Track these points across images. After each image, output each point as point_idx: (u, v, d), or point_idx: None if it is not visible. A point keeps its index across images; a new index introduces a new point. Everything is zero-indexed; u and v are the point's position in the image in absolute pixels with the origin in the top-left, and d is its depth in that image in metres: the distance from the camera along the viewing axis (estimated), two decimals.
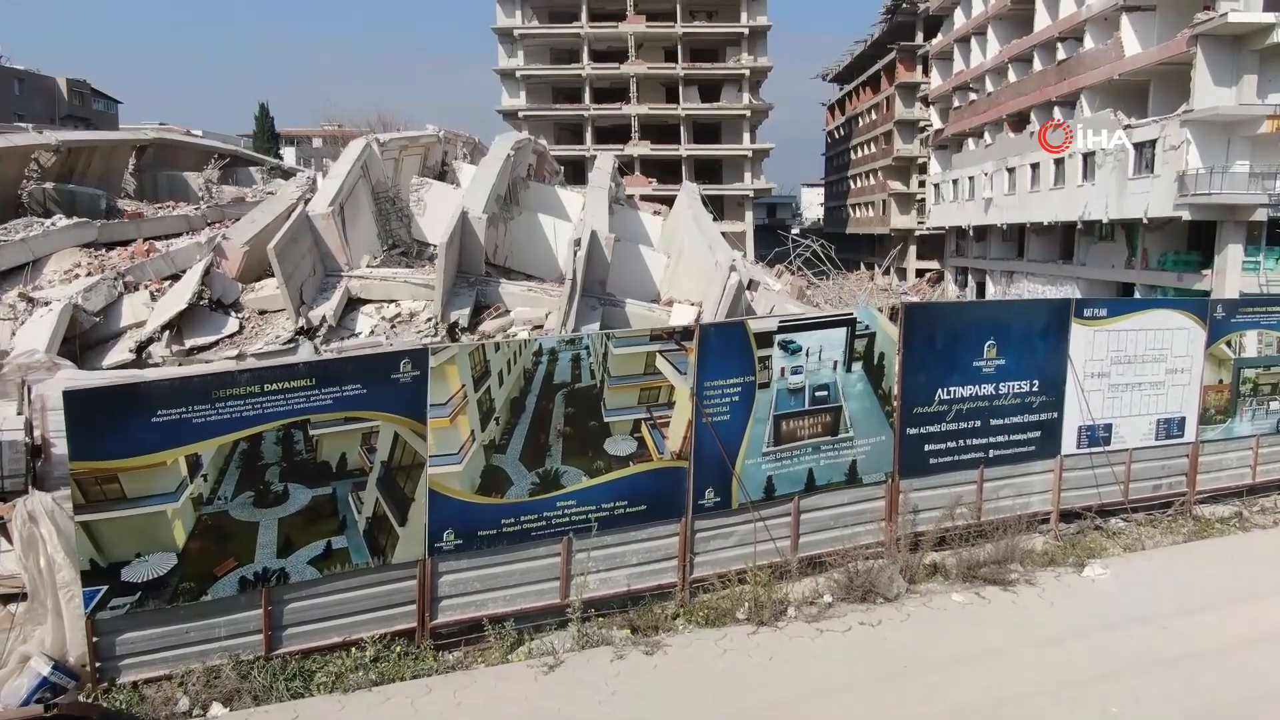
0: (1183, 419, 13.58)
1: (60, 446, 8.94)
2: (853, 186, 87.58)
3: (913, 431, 11.56)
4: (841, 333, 10.82)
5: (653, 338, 9.92)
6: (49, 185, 32.47)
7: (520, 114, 69.34)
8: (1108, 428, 12.98)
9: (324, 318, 22.20)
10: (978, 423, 11.99)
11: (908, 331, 11.25)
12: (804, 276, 58.35)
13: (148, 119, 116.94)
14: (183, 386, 7.86)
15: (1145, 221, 40.24)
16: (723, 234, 68.23)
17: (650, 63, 68.50)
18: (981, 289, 60.72)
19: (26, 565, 8.74)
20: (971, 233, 60.78)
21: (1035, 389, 12.30)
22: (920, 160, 72.57)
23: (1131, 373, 12.98)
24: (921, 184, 72.05)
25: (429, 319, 22.56)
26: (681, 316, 24.35)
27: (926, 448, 11.72)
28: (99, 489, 7.66)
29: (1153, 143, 39.83)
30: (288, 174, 47.43)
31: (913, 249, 73.60)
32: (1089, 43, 45.64)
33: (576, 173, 70.60)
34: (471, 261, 25.08)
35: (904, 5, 72.04)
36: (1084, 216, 45.11)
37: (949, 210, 63.79)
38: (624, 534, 10.08)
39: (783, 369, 10.51)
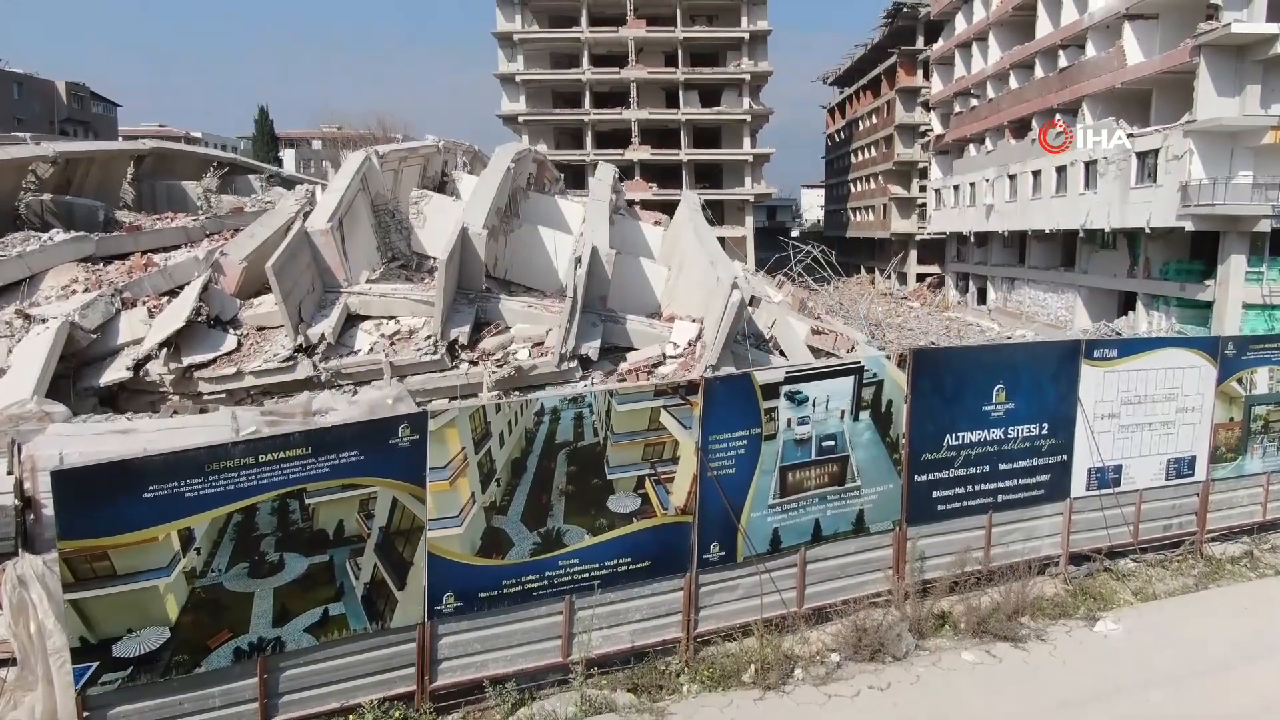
0: (1193, 458, 13.38)
1: (51, 507, 8.74)
2: (853, 190, 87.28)
3: (920, 479, 11.37)
4: (849, 381, 10.62)
5: (657, 393, 9.72)
6: (46, 197, 32.21)
7: (520, 119, 69.06)
8: (1118, 469, 12.78)
9: (323, 335, 21.98)
10: (986, 468, 11.80)
11: (915, 377, 11.05)
12: (804, 283, 58.25)
13: (147, 121, 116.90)
14: (174, 461, 7.64)
15: (1148, 231, 40.06)
16: (723, 239, 68.41)
17: (650, 68, 68.17)
18: (983, 295, 60.51)
19: (16, 632, 8.54)
20: (973, 239, 60.55)
21: (1045, 432, 12.10)
22: (921, 165, 72.28)
23: (1142, 413, 12.78)
24: (922, 189, 71.78)
25: (428, 336, 22.33)
26: (683, 333, 24.16)
27: (935, 494, 11.52)
28: (88, 567, 7.46)
29: (1155, 152, 39.64)
30: (287, 181, 47.20)
31: (913, 254, 73.33)
32: (1091, 50, 45.41)
33: (577, 178, 70.32)
34: (471, 277, 24.86)
35: (904, 10, 71.70)
36: (1086, 225, 44.92)
37: (950, 216, 63.56)
38: (627, 590, 9.89)
39: (789, 420, 10.31)
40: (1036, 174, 50.61)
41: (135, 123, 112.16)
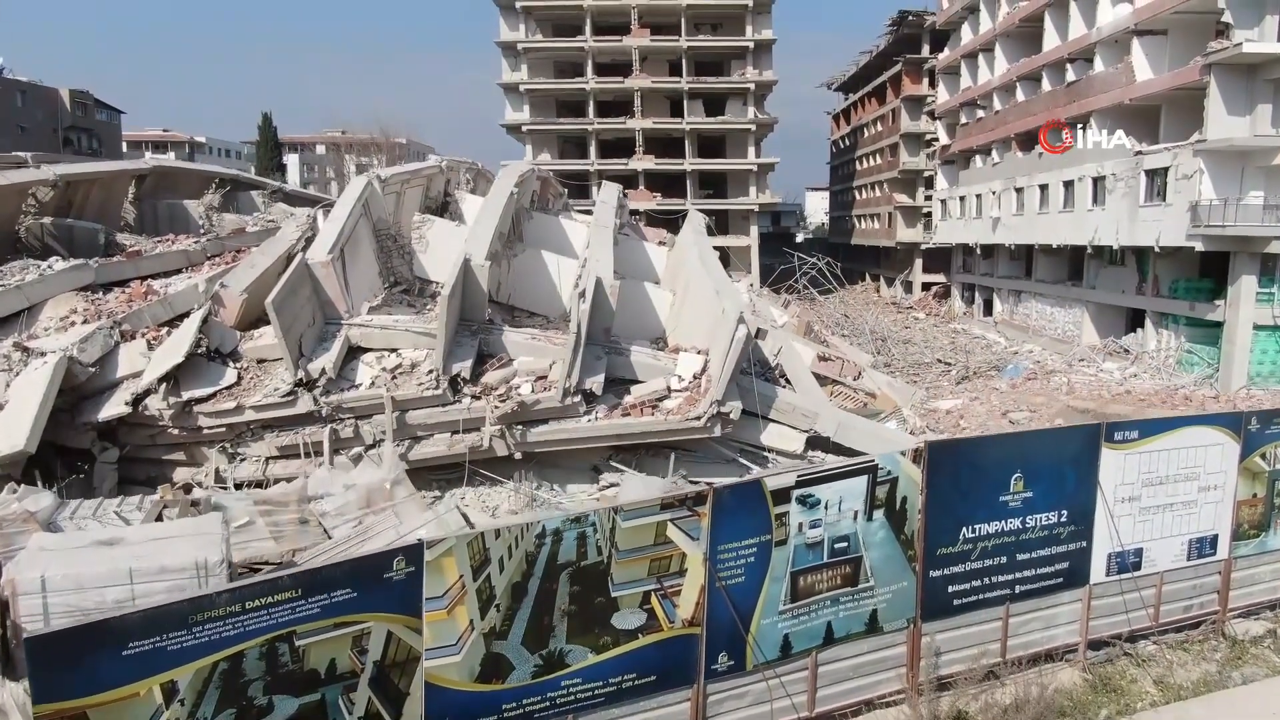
0: (1215, 536, 13.01)
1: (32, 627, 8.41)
2: (858, 197, 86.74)
3: (936, 574, 11.01)
4: (862, 481, 10.25)
5: (663, 506, 9.36)
6: (46, 220, 31.96)
7: (524, 128, 68.66)
8: (1138, 552, 12.41)
9: (323, 370, 21.68)
10: (1004, 559, 11.44)
11: (931, 471, 10.67)
12: (809, 295, 57.90)
13: (151, 126, 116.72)
14: (155, 616, 7.27)
15: (1157, 250, 39.61)
16: (728, 249, 68.05)
17: (654, 77, 67.71)
18: (989, 306, 60.07)
19: None
20: (979, 250, 60.10)
21: (1064, 519, 11.74)
22: (926, 174, 71.75)
23: (1163, 493, 12.40)
24: (928, 198, 71.26)
25: (430, 371, 22.02)
26: (687, 366, 23.85)
27: (950, 589, 11.17)
28: None
29: (1164, 170, 39.18)
30: (290, 197, 46.88)
31: (919, 262, 72.82)
32: (1099, 65, 44.93)
33: (580, 187, 69.92)
34: (474, 308, 24.55)
35: (910, 18, 71.17)
36: (1094, 242, 44.47)
37: (955, 227, 63.05)
38: (632, 705, 9.54)
39: (801, 524, 9.95)
40: (1044, 188, 50.16)
41: (140, 127, 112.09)
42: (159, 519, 10.65)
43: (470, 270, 24.40)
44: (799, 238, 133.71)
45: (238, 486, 21.67)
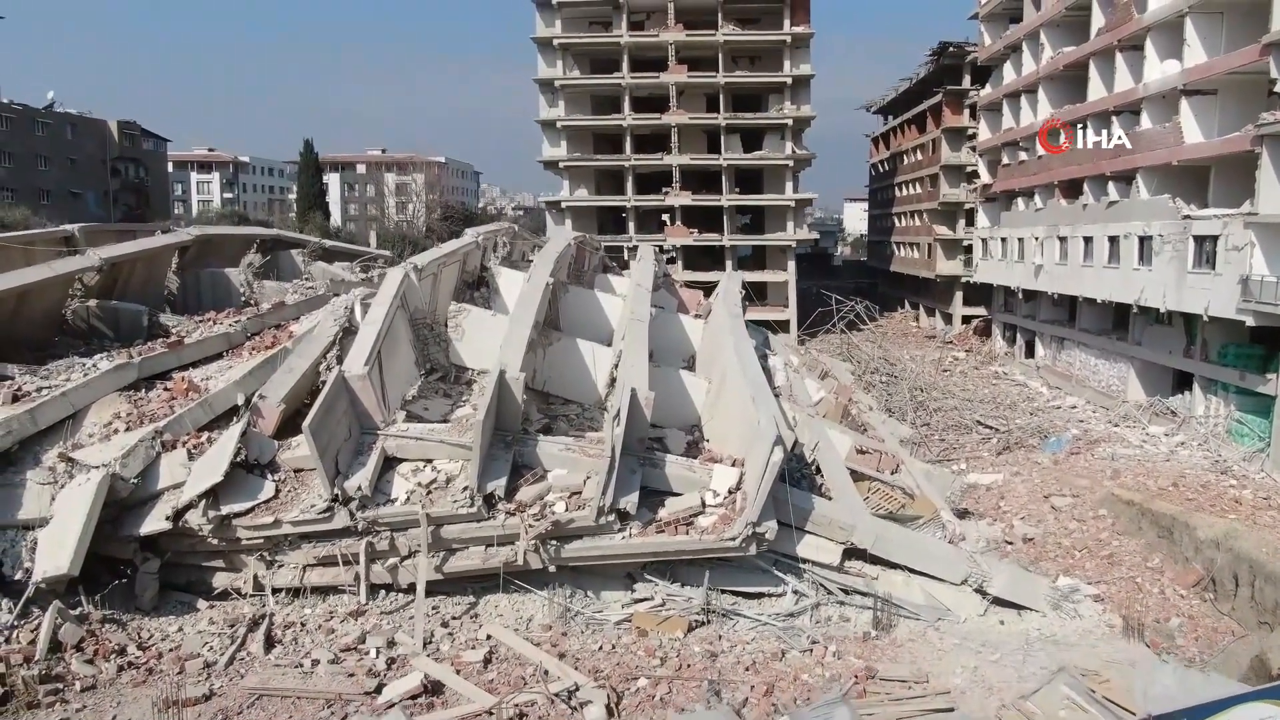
0: None
1: None
2: (897, 224, 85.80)
3: None
4: None
5: None
6: (92, 303, 32.68)
7: (561, 164, 68.80)
8: None
9: (360, 487, 21.93)
10: None
11: None
12: (847, 341, 57.47)
13: (197, 146, 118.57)
14: None
15: (1205, 320, 38.76)
16: (766, 284, 67.34)
17: (691, 111, 67.46)
18: (1031, 348, 59.21)
19: None
20: (1020, 294, 59.24)
21: None
22: (968, 206, 70.80)
23: None
24: (969, 230, 70.32)
25: (465, 487, 22.17)
26: (722, 480, 23.78)
27: None
28: None
29: (1214, 238, 38.26)
30: (329, 253, 47.43)
31: (959, 295, 71.95)
32: (1146, 120, 43.95)
33: (618, 222, 70.17)
34: (508, 419, 24.66)
35: (951, 49, 70.19)
36: (1140, 302, 43.51)
37: (996, 268, 62.11)
38: None
39: None
40: (1088, 240, 49.22)
41: (186, 148, 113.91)
42: None
43: (505, 383, 24.51)
44: (838, 250, 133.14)
45: (275, 592, 22.10)
